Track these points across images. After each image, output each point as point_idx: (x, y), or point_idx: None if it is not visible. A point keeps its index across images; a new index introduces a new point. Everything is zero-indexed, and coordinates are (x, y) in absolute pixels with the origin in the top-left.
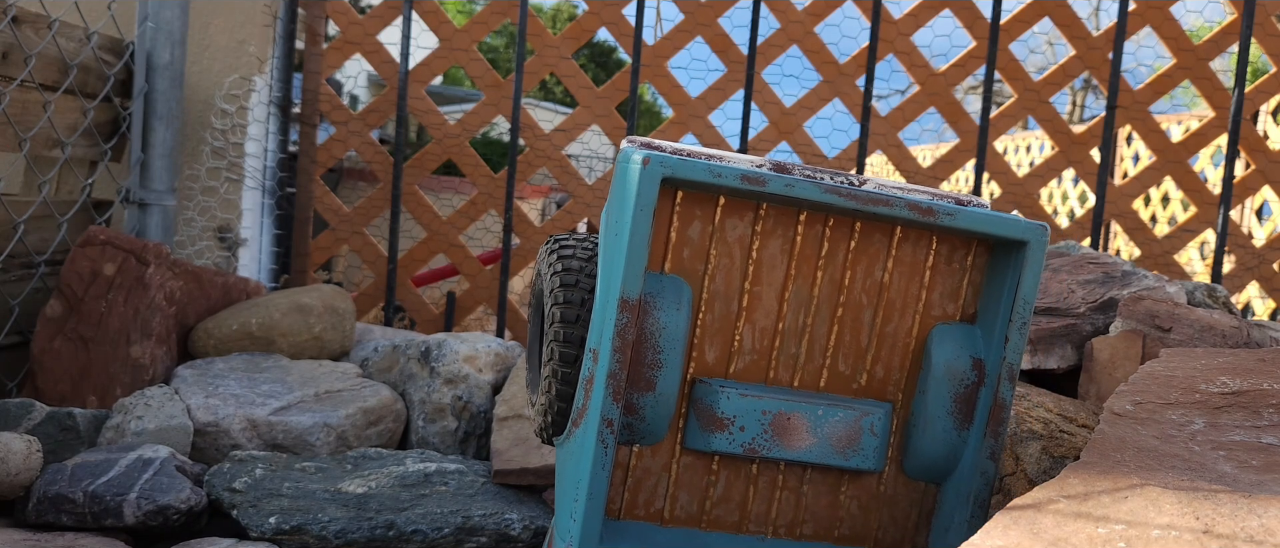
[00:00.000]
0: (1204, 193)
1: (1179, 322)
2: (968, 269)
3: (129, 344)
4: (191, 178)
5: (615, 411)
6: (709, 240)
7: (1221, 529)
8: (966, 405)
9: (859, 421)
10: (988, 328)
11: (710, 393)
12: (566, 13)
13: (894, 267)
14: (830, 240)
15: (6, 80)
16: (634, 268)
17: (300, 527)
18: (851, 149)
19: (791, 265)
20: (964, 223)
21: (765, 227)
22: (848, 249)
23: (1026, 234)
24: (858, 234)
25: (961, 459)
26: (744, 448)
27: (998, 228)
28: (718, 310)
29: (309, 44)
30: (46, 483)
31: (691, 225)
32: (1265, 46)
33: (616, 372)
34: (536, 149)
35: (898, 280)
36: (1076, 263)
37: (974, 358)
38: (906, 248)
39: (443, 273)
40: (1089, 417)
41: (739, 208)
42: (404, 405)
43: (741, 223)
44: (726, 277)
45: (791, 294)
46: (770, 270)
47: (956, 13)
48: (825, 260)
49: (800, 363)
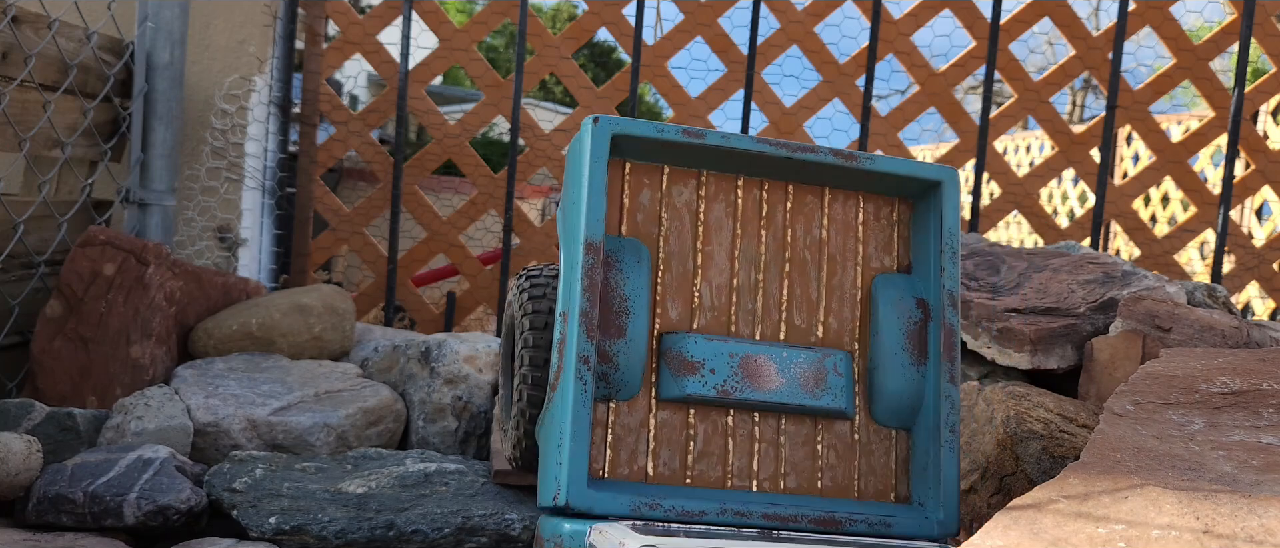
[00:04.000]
0: (1204, 193)
1: (1179, 322)
2: (895, 224)
3: (129, 344)
4: (191, 178)
5: (590, 347)
6: (659, 205)
7: (1221, 529)
8: (919, 341)
9: (822, 361)
10: (923, 272)
11: (678, 341)
12: (566, 13)
13: (829, 224)
14: (768, 202)
15: (6, 80)
16: (595, 214)
17: (300, 527)
18: (852, 149)
19: (737, 226)
20: (882, 167)
21: (708, 192)
22: (785, 210)
23: (939, 174)
24: (792, 195)
25: (925, 396)
26: (717, 390)
27: (913, 170)
28: (675, 269)
29: (309, 44)
30: (46, 483)
31: (641, 193)
32: (1265, 46)
33: (588, 310)
34: (536, 149)
35: (835, 236)
36: (1076, 263)
37: (917, 298)
38: (837, 207)
39: (443, 273)
40: (1089, 417)
41: (682, 175)
42: (404, 406)
43: (686, 189)
44: (679, 238)
45: (741, 252)
46: (718, 231)
47: (956, 13)
48: (767, 221)
49: (758, 318)
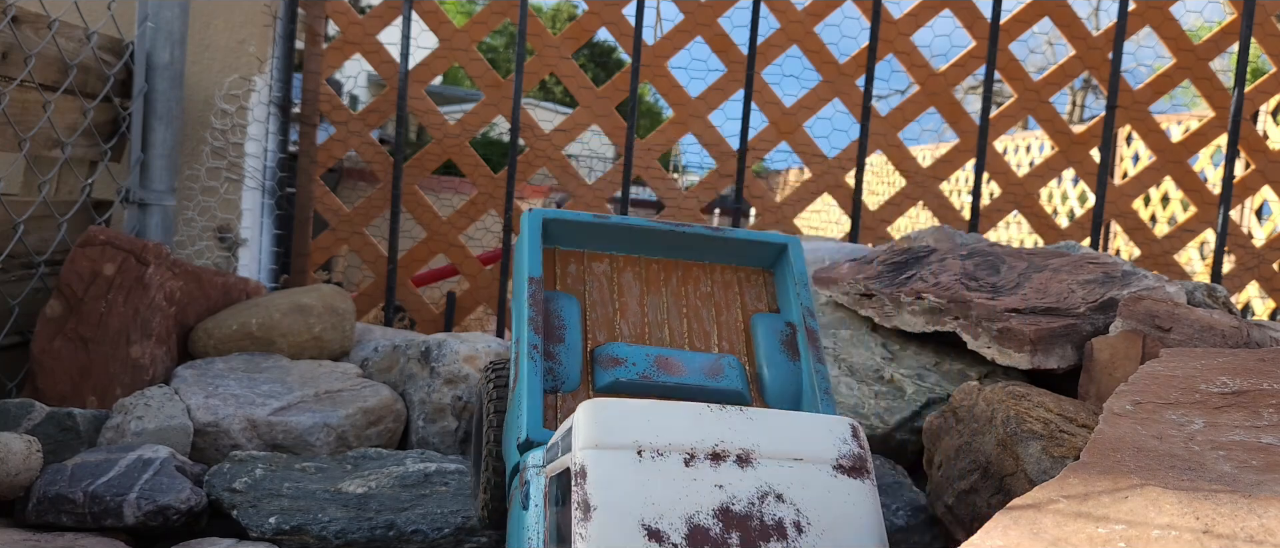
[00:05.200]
0: (1204, 193)
1: (1179, 322)
2: (763, 283)
3: (129, 344)
4: (191, 178)
5: (539, 340)
6: (583, 273)
7: (1221, 529)
8: (790, 346)
9: (719, 359)
10: (787, 308)
11: (607, 348)
12: (566, 13)
13: (713, 284)
14: (665, 270)
15: (6, 80)
16: (535, 262)
17: (300, 527)
18: (851, 149)
19: (643, 287)
20: (741, 236)
21: (618, 265)
22: (678, 275)
23: (785, 240)
24: (683, 266)
25: (802, 380)
26: (639, 377)
27: (766, 237)
28: (598, 312)
29: (309, 44)
30: (46, 483)
31: (569, 266)
32: (1265, 46)
33: (535, 317)
34: (536, 149)
35: (719, 291)
36: (1076, 263)
37: (786, 321)
38: (717, 273)
39: (443, 273)
40: (1089, 417)
41: (598, 256)
42: (404, 406)
43: (602, 264)
44: (599, 293)
45: (648, 303)
46: (629, 290)
47: (956, 13)
48: (665, 283)
49: (667, 340)
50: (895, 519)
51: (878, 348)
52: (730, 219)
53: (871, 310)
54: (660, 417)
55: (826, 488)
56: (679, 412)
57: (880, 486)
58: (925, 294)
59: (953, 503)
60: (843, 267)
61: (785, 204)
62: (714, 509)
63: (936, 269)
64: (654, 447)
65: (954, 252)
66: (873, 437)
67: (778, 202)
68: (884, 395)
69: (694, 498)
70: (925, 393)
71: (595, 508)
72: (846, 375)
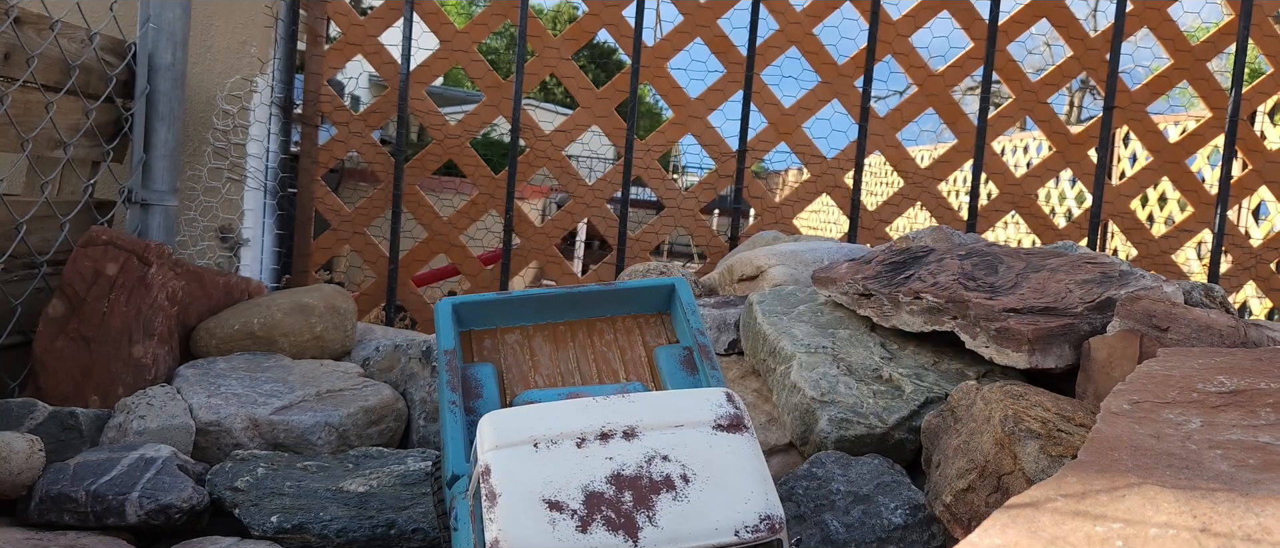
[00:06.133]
0: (1201, 193)
1: (1176, 321)
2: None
3: (131, 344)
4: (193, 178)
5: (457, 396)
6: (497, 346)
7: (1219, 528)
8: (689, 363)
9: (625, 387)
10: (684, 337)
11: (524, 395)
12: (567, 14)
13: (615, 332)
14: (572, 329)
15: (9, 81)
16: (446, 335)
17: (302, 526)
18: (850, 150)
19: (553, 347)
20: (633, 285)
21: (527, 333)
22: (585, 331)
23: (673, 281)
24: (586, 324)
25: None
26: None
27: (656, 283)
28: (514, 374)
29: (310, 45)
30: (49, 482)
31: (485, 342)
32: (1262, 47)
33: (451, 379)
34: (537, 150)
35: (621, 336)
36: (1074, 263)
37: (684, 347)
38: (620, 324)
39: (443, 273)
40: (1087, 416)
41: (509, 331)
42: (405, 405)
43: (512, 335)
44: (514, 358)
45: (559, 358)
46: (539, 352)
47: (954, 14)
48: (573, 341)
49: (579, 384)
50: (893, 518)
51: (876, 347)
52: (730, 219)
53: (870, 310)
54: (551, 414)
55: (708, 444)
56: (567, 407)
57: (879, 484)
58: (924, 294)
59: (951, 502)
60: (841, 267)
61: (784, 204)
62: (607, 477)
63: (935, 269)
64: (547, 437)
65: (952, 252)
66: (871, 436)
67: (777, 202)
68: (882, 395)
69: (588, 471)
70: (924, 392)
71: (500, 495)
72: (845, 375)
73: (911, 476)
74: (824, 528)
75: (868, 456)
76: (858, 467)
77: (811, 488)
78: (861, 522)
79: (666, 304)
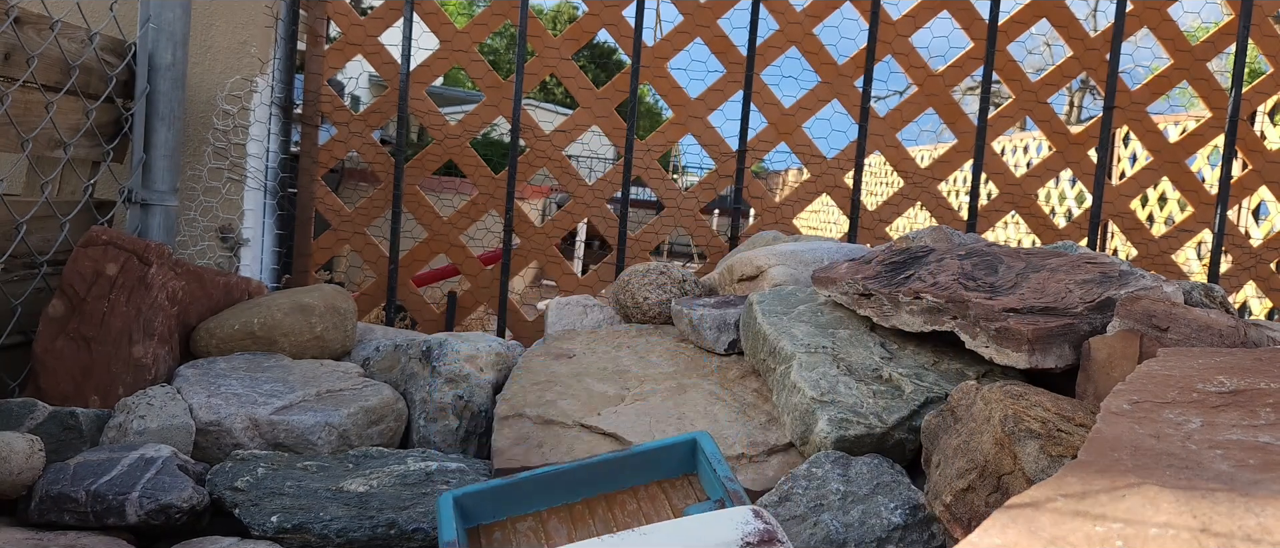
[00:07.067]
0: (1201, 193)
1: (1176, 321)
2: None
3: (131, 344)
4: (193, 178)
5: None
6: (509, 538)
7: (1219, 528)
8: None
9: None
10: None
11: None
12: (567, 14)
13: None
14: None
15: (9, 81)
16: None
17: (302, 525)
18: (850, 150)
19: (571, 528)
20: (649, 448)
21: (542, 519)
22: (605, 504)
23: (695, 436)
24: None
25: None
26: None
27: (676, 439)
28: None
29: (310, 45)
30: (49, 482)
31: (494, 536)
32: (1262, 47)
33: None
34: (537, 150)
35: (647, 506)
36: (1074, 263)
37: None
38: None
39: (443, 273)
40: (1087, 416)
41: (522, 517)
42: (405, 405)
43: (526, 523)
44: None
45: (577, 536)
46: (555, 536)
47: (954, 14)
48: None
49: None
50: (893, 518)
51: (876, 347)
52: (730, 219)
53: (870, 310)
54: None
55: None
56: None
57: (879, 484)
58: (924, 294)
59: (950, 502)
60: (841, 266)
61: (784, 204)
62: None
63: (935, 269)
64: None
65: (952, 252)
66: (871, 436)
67: (776, 202)
68: (882, 394)
69: None
70: (924, 392)
71: None
72: (845, 375)
73: (911, 476)
74: (823, 528)
75: (867, 456)
76: (857, 467)
77: (811, 488)
78: (861, 522)
79: (690, 462)
